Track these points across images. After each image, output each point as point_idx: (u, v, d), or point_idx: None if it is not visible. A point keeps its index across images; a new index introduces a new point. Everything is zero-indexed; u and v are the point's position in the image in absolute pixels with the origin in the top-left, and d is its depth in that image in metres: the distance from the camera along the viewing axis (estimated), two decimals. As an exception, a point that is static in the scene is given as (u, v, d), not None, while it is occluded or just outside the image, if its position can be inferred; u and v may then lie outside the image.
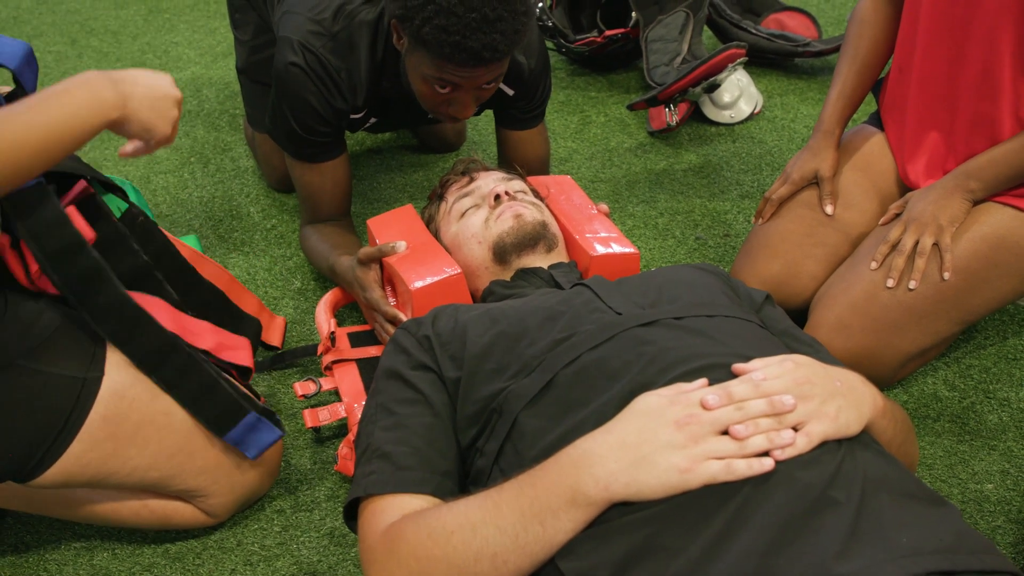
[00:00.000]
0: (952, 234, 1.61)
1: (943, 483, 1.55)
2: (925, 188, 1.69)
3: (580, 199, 1.84)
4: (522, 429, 1.10)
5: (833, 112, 1.82)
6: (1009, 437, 1.63)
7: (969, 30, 1.60)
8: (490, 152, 2.46)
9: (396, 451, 1.13)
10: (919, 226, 1.62)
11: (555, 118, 2.68)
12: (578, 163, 2.50)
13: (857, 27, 1.83)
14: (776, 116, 2.69)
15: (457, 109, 1.72)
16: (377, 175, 2.45)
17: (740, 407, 0.98)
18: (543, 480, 0.96)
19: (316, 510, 1.54)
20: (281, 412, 1.71)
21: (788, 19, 3.05)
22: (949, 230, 1.61)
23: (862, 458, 0.99)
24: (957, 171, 1.65)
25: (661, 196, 2.34)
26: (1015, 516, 1.49)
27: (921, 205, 1.64)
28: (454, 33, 1.53)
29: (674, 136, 2.61)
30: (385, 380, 1.24)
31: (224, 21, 3.28)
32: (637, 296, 1.26)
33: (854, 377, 1.08)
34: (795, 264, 1.75)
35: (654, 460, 0.94)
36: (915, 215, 1.64)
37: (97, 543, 1.50)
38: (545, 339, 1.18)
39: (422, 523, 1.02)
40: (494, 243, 1.56)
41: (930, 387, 1.74)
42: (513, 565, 0.95)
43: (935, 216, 1.61)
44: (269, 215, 2.29)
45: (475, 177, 1.70)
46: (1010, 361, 1.80)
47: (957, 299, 1.61)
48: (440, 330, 1.26)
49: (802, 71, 2.92)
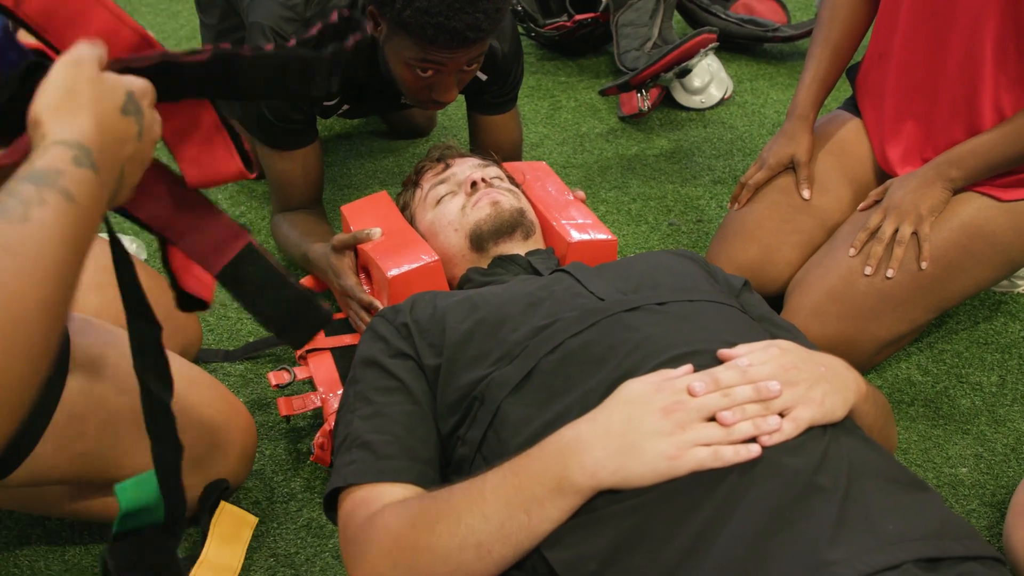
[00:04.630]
0: (932, 224, 1.62)
1: (918, 467, 1.56)
2: (905, 176, 1.69)
3: (556, 185, 1.83)
4: (505, 417, 1.09)
5: (807, 96, 1.82)
6: (982, 421, 1.65)
7: (952, 17, 1.61)
8: (461, 137, 2.44)
9: (376, 440, 1.12)
10: (899, 214, 1.62)
11: (526, 103, 2.66)
12: (549, 148, 2.49)
13: (830, 10, 1.83)
14: (746, 101, 2.69)
15: (439, 93, 1.71)
16: (347, 161, 2.43)
17: (726, 393, 0.97)
18: (528, 468, 0.96)
19: (292, 501, 1.52)
20: (255, 402, 1.69)
21: (757, 4, 3.05)
22: (929, 219, 1.62)
23: (846, 443, 0.99)
24: (938, 160, 1.65)
25: (633, 181, 2.33)
26: (989, 499, 1.50)
27: (901, 193, 1.65)
28: (437, 15, 1.52)
29: (645, 121, 2.60)
30: (363, 368, 1.22)
31: (188, 4, 3.22)
32: (619, 282, 1.25)
33: (837, 362, 1.09)
34: (771, 250, 1.75)
35: (641, 447, 0.93)
36: (895, 203, 1.64)
37: (68, 537, 1.48)
38: (527, 325, 1.17)
39: (405, 512, 1.01)
40: (471, 231, 1.55)
41: (904, 372, 1.75)
42: (498, 554, 0.95)
43: (915, 205, 1.62)
44: (238, 202, 2.26)
45: (450, 163, 1.68)
46: (981, 346, 1.81)
47: (933, 287, 1.62)
48: (418, 317, 1.25)
49: (772, 56, 2.93)
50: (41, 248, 0.70)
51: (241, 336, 1.84)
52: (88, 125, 0.79)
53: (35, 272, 0.69)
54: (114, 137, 0.82)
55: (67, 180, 0.74)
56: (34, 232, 0.70)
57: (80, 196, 0.75)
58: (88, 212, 0.76)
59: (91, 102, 0.80)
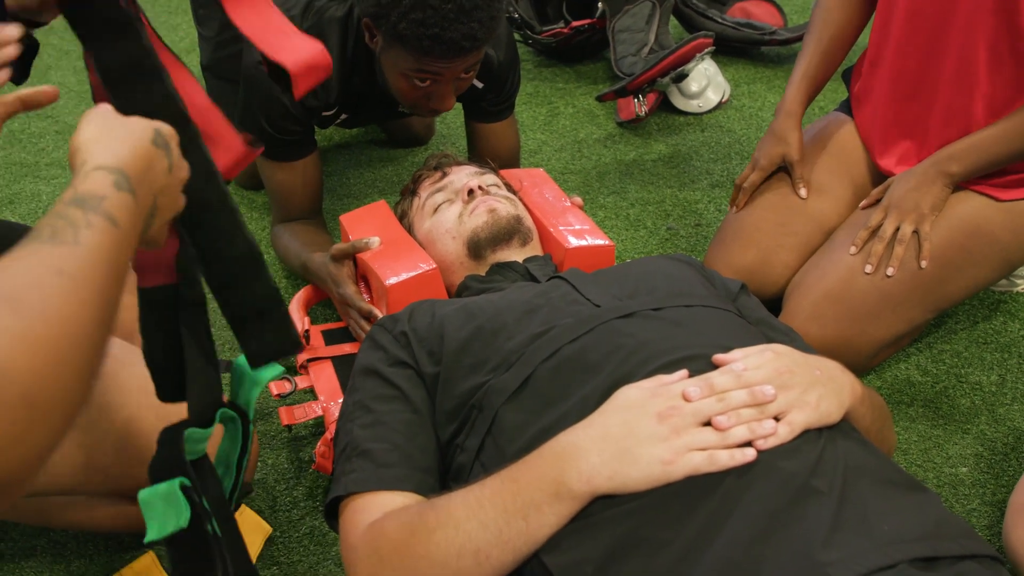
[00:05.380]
0: (933, 222, 1.62)
1: (918, 467, 1.57)
2: (906, 173, 1.69)
3: (553, 192, 1.84)
4: (503, 424, 1.10)
5: (796, 93, 1.81)
6: (982, 421, 1.65)
7: (946, 23, 1.61)
8: (459, 146, 2.45)
9: (376, 449, 1.13)
10: (900, 213, 1.62)
11: (523, 110, 2.67)
12: (547, 155, 2.49)
13: (822, 12, 1.84)
14: (744, 105, 2.70)
15: (437, 102, 1.72)
16: (346, 170, 2.44)
17: (721, 398, 0.98)
18: (525, 475, 0.96)
19: (295, 510, 1.53)
20: (256, 412, 1.70)
21: (754, 7, 3.06)
22: (930, 218, 1.62)
23: (842, 446, 1.00)
24: (938, 156, 1.65)
25: (631, 187, 2.34)
26: (989, 499, 1.51)
27: (902, 191, 1.65)
28: (432, 26, 1.53)
29: (643, 126, 2.61)
30: (362, 377, 1.23)
31: (187, 17, 3.23)
32: (615, 288, 1.26)
33: (833, 365, 1.09)
34: (769, 253, 1.76)
35: (637, 453, 0.94)
36: (896, 201, 1.64)
37: (73, 548, 1.48)
38: (524, 333, 1.18)
39: (404, 520, 1.01)
40: (468, 238, 1.55)
41: (903, 372, 1.75)
42: (496, 560, 0.95)
43: (917, 203, 1.62)
44: (238, 213, 2.27)
45: (448, 172, 1.69)
46: (981, 345, 1.82)
47: (932, 287, 1.62)
48: (417, 326, 1.25)
49: (769, 59, 2.94)
50: (91, 270, 0.73)
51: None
52: (125, 152, 0.83)
53: (85, 293, 0.72)
54: (148, 165, 0.85)
55: (109, 204, 0.78)
56: (84, 254, 0.73)
57: (121, 220, 0.78)
58: (128, 236, 0.80)
59: (126, 134, 0.85)
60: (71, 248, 0.73)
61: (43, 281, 0.69)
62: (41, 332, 0.67)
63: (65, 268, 0.71)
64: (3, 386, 0.63)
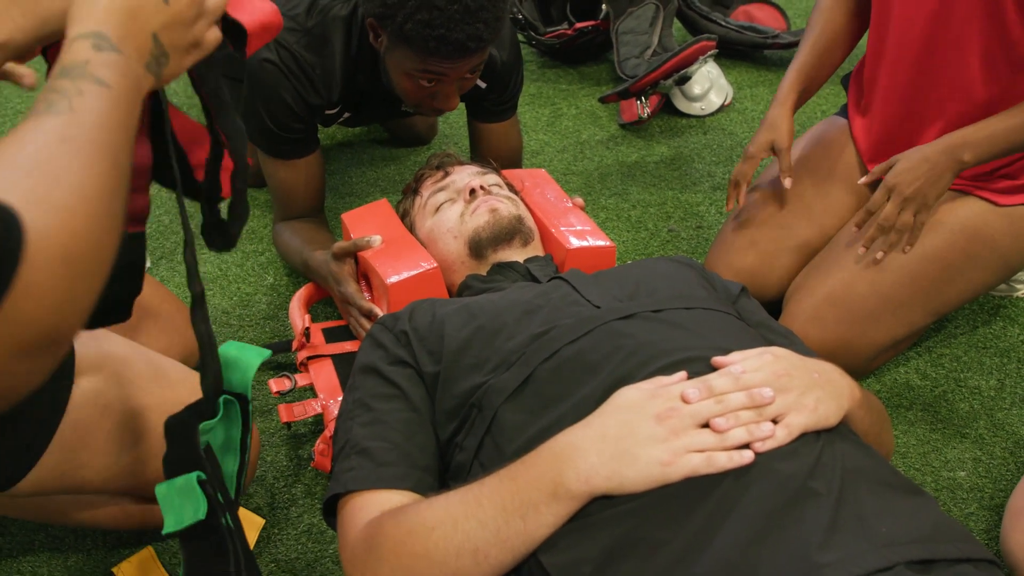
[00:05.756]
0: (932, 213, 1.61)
1: (917, 471, 1.57)
2: (913, 157, 1.60)
3: (555, 192, 1.84)
4: (502, 424, 1.10)
5: (789, 84, 1.81)
6: (980, 425, 1.65)
7: (937, 37, 1.61)
8: (462, 145, 2.46)
9: (375, 447, 1.13)
10: (905, 199, 1.58)
11: (526, 111, 2.67)
12: (550, 156, 2.50)
13: (820, 13, 1.84)
14: (746, 107, 2.70)
15: (442, 101, 1.72)
16: (348, 169, 2.44)
17: (720, 400, 0.98)
18: (524, 474, 0.97)
19: (293, 507, 1.53)
20: (256, 409, 1.70)
21: (757, 11, 3.06)
22: (934, 206, 1.61)
23: (840, 449, 1.00)
24: (950, 142, 1.58)
25: (633, 188, 2.34)
26: (987, 503, 1.51)
27: (910, 176, 1.58)
28: (438, 27, 1.53)
29: (645, 128, 2.61)
30: (362, 376, 1.23)
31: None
32: (615, 289, 1.26)
33: (831, 368, 1.09)
34: (770, 256, 1.76)
35: (635, 453, 0.94)
36: (900, 182, 1.59)
37: (71, 544, 1.49)
38: (524, 333, 1.18)
39: (403, 519, 1.01)
40: (470, 237, 1.56)
41: (902, 376, 1.76)
42: (495, 560, 0.95)
43: (923, 192, 1.58)
44: (240, 210, 2.27)
45: (450, 171, 1.69)
46: (980, 350, 1.82)
47: (931, 290, 1.62)
48: (417, 325, 1.26)
49: (771, 63, 2.94)
50: (93, 132, 0.77)
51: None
52: (98, 11, 0.83)
53: (90, 154, 0.76)
54: (129, 13, 0.85)
55: (93, 67, 0.80)
56: (81, 119, 0.77)
57: (110, 79, 0.80)
58: (124, 92, 0.82)
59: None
60: (68, 116, 0.77)
61: (51, 151, 0.74)
62: (60, 196, 0.72)
63: (67, 135, 0.75)
64: (42, 249, 0.69)
